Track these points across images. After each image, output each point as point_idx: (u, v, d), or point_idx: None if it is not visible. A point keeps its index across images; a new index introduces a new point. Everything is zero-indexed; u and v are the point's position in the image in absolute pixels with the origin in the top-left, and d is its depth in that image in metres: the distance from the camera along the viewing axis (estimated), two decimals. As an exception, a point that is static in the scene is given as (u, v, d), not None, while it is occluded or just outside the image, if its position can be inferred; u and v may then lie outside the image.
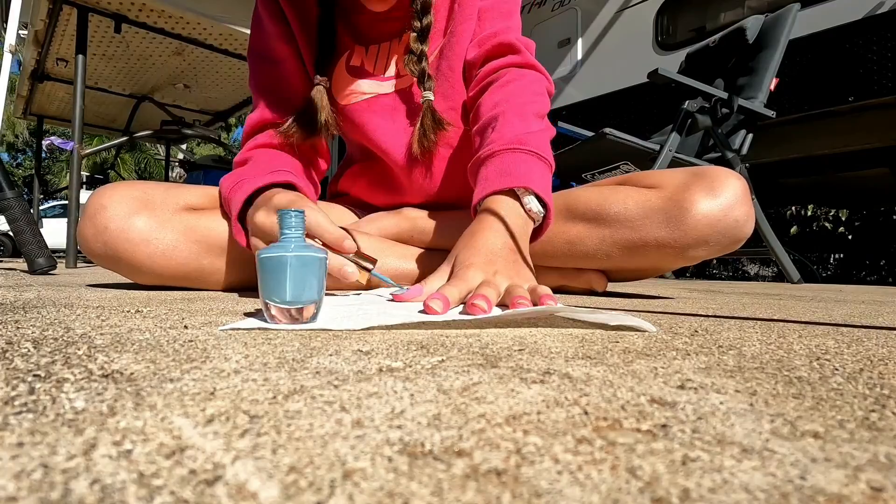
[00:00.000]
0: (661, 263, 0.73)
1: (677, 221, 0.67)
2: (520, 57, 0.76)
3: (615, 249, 0.72)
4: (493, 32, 0.77)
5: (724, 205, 0.66)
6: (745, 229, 0.68)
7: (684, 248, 0.67)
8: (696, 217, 0.66)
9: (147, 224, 0.65)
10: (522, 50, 0.77)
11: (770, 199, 3.27)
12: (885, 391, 0.22)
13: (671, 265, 0.74)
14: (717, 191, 0.66)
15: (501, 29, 0.77)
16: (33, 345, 0.28)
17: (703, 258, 0.70)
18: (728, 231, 0.66)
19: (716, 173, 0.68)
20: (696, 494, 0.12)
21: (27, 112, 3.36)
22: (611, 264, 0.75)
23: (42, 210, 7.72)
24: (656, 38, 2.70)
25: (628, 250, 0.71)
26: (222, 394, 0.19)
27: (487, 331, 0.37)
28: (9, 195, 1.15)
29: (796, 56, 2.07)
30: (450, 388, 0.20)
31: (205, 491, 0.11)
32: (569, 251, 0.75)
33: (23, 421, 0.15)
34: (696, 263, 0.81)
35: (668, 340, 0.34)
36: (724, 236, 0.67)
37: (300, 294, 0.35)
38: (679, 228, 0.67)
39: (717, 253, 0.69)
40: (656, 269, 0.78)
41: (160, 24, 2.17)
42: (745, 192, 0.67)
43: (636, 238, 0.69)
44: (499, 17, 0.79)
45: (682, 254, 0.68)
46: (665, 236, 0.68)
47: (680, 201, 0.67)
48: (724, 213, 0.66)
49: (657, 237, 0.68)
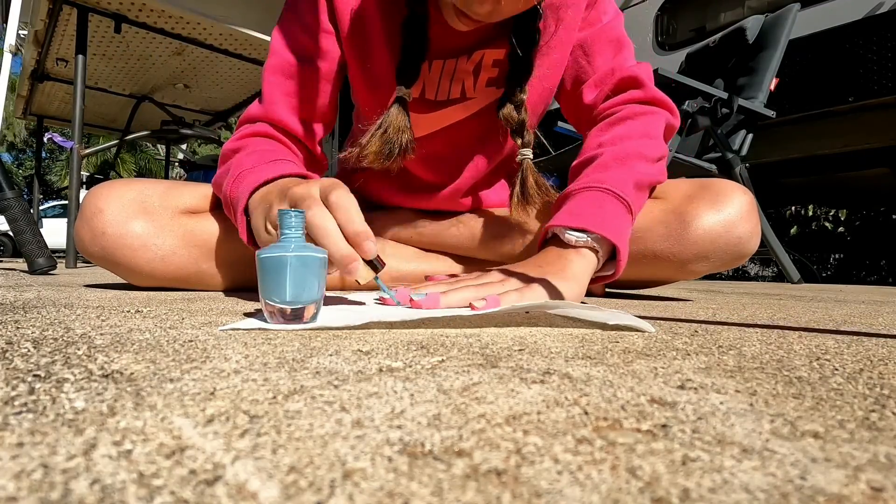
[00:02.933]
0: (660, 276, 0.71)
1: (678, 235, 0.65)
2: (642, 92, 0.69)
3: None
4: (610, 69, 0.70)
5: (728, 220, 0.64)
6: (749, 246, 0.66)
7: (684, 263, 0.66)
8: (698, 232, 0.64)
9: (145, 229, 0.64)
10: (646, 83, 0.70)
11: (770, 199, 3.27)
12: (885, 391, 0.22)
13: (670, 278, 0.72)
14: (720, 205, 0.64)
15: (619, 62, 0.70)
16: (33, 345, 0.28)
17: (704, 273, 0.69)
18: (729, 248, 0.64)
19: (721, 187, 0.66)
20: (696, 494, 0.12)
21: (27, 112, 3.36)
22: None
23: (42, 210, 7.72)
24: (656, 38, 2.70)
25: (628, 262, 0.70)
26: (222, 394, 0.19)
27: (487, 331, 0.37)
28: (9, 195, 1.15)
29: (796, 56, 2.07)
30: (450, 388, 0.20)
31: (205, 491, 0.11)
32: None
33: (23, 421, 0.15)
34: (697, 278, 0.79)
35: (668, 340, 0.34)
36: (726, 253, 0.65)
37: (300, 294, 0.35)
38: (679, 243, 0.65)
39: (719, 268, 0.68)
40: (655, 281, 0.76)
41: (160, 24, 2.17)
42: (750, 208, 0.65)
43: (635, 250, 0.67)
44: (609, 48, 0.70)
45: (682, 268, 0.67)
46: (664, 249, 0.66)
47: (682, 214, 0.65)
48: (726, 228, 0.64)
49: (656, 250, 0.66)
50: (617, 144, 0.63)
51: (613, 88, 0.70)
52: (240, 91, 3.05)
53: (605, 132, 0.66)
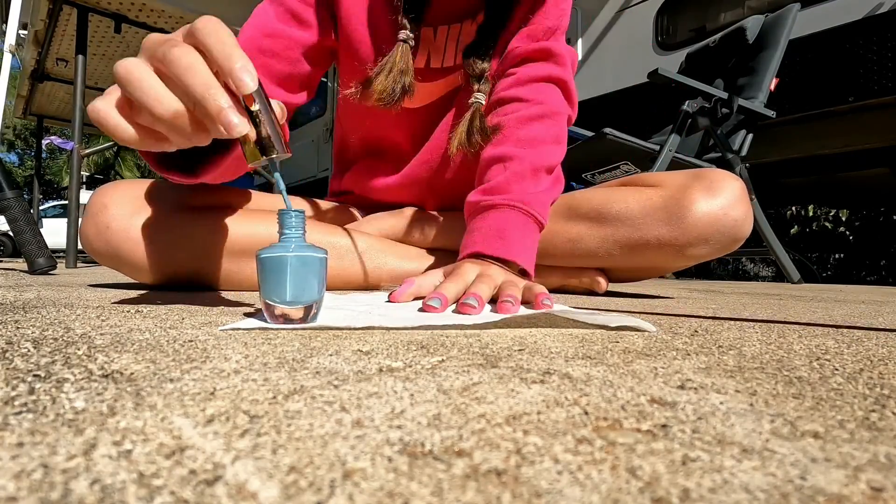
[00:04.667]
0: (662, 262, 0.73)
1: (678, 219, 0.68)
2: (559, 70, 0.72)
3: (616, 248, 0.72)
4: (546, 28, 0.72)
5: (724, 204, 0.67)
6: (744, 228, 0.69)
7: (684, 247, 0.68)
8: (697, 215, 0.67)
9: (149, 224, 0.65)
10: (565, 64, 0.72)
11: (770, 199, 3.27)
12: (885, 391, 0.22)
13: (672, 265, 0.74)
14: (716, 191, 0.67)
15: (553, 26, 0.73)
16: (33, 345, 0.28)
17: (703, 258, 0.71)
18: (727, 230, 0.67)
19: (715, 175, 0.69)
20: (696, 494, 0.12)
21: (27, 112, 3.36)
22: (612, 263, 0.76)
23: (42, 210, 7.71)
24: (656, 38, 2.70)
25: (629, 249, 0.71)
26: (222, 394, 0.19)
27: (487, 331, 0.37)
28: (9, 195, 1.15)
29: (796, 56, 2.07)
30: (450, 388, 0.20)
31: (205, 491, 0.11)
32: (570, 250, 0.76)
33: (23, 421, 0.15)
34: (695, 264, 0.80)
35: (668, 340, 0.34)
36: (724, 235, 0.68)
37: (300, 294, 0.35)
38: (679, 227, 0.68)
39: (717, 252, 0.70)
40: (657, 268, 0.78)
41: (160, 24, 2.17)
42: (743, 193, 0.69)
43: (637, 237, 0.70)
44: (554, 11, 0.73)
45: (683, 252, 0.69)
46: (665, 234, 0.68)
47: (680, 199, 0.68)
48: (723, 211, 0.67)
49: (658, 235, 0.69)
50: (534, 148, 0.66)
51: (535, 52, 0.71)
52: (240, 91, 3.04)
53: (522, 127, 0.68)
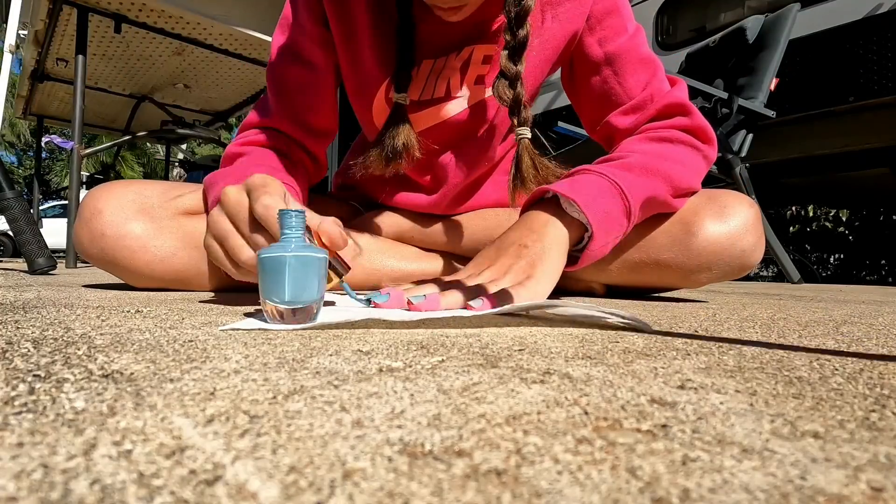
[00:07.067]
0: (665, 283, 0.71)
1: (683, 245, 0.65)
2: (689, 120, 0.68)
3: (616, 266, 0.70)
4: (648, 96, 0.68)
5: (733, 232, 0.64)
6: (752, 258, 0.66)
7: (688, 273, 0.66)
8: (702, 243, 0.64)
9: (144, 230, 0.64)
10: (693, 111, 0.68)
11: (770, 199, 3.27)
12: (885, 391, 0.22)
13: (675, 285, 0.72)
14: (726, 217, 0.64)
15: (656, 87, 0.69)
16: (33, 345, 0.28)
17: (708, 283, 0.69)
18: (733, 260, 0.65)
19: (727, 199, 0.66)
20: (696, 494, 0.12)
21: (27, 112, 3.36)
22: (610, 280, 0.74)
23: (42, 210, 7.71)
24: (656, 38, 2.70)
25: (630, 269, 0.69)
26: (222, 394, 0.19)
27: (487, 331, 0.37)
28: (9, 195, 1.15)
29: (796, 56, 2.07)
30: (450, 388, 0.20)
31: (205, 491, 0.11)
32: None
33: (23, 421, 0.15)
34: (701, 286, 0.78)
35: (668, 340, 0.34)
36: (729, 265, 0.65)
37: (300, 294, 0.35)
38: (683, 253, 0.65)
39: (722, 278, 0.68)
40: (658, 287, 0.76)
41: (160, 24, 2.17)
42: (755, 220, 0.65)
43: (638, 258, 0.68)
44: (641, 68, 0.69)
45: (687, 277, 0.67)
46: (669, 258, 0.66)
47: (688, 224, 0.65)
48: (731, 241, 0.64)
49: (660, 259, 0.66)
50: (649, 156, 0.62)
51: (657, 115, 0.68)
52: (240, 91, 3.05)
53: (643, 143, 0.65)
